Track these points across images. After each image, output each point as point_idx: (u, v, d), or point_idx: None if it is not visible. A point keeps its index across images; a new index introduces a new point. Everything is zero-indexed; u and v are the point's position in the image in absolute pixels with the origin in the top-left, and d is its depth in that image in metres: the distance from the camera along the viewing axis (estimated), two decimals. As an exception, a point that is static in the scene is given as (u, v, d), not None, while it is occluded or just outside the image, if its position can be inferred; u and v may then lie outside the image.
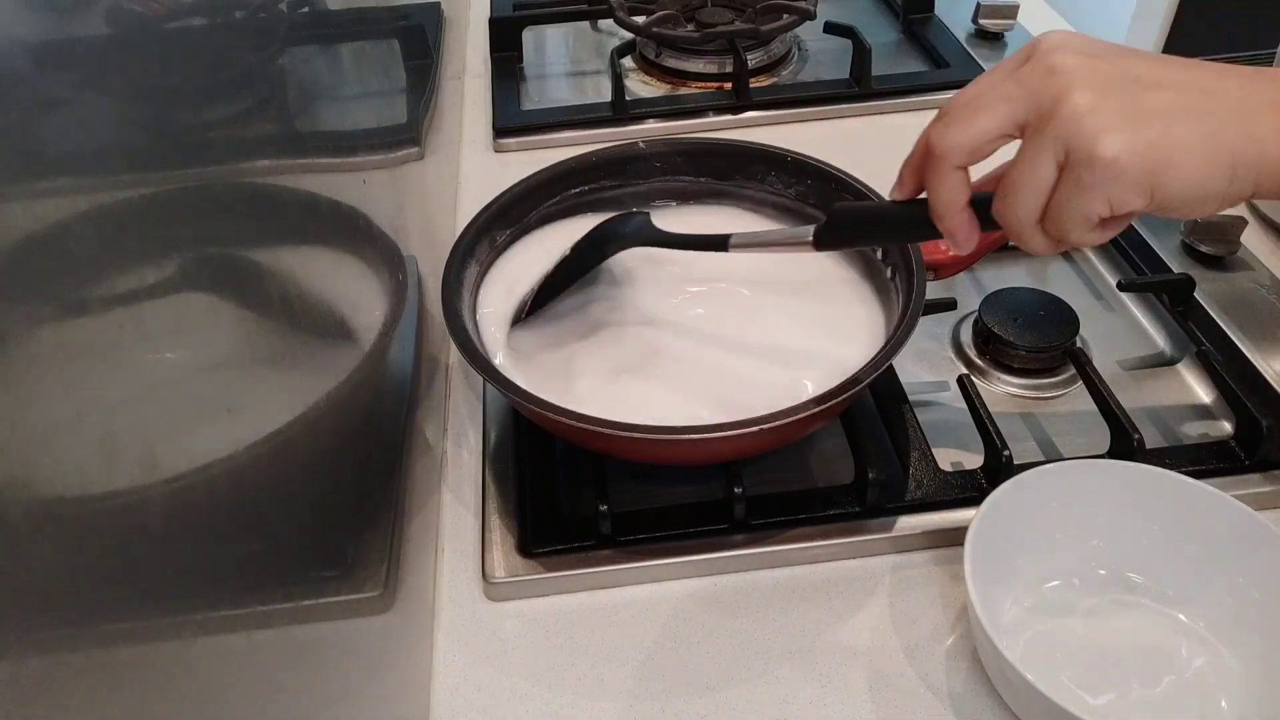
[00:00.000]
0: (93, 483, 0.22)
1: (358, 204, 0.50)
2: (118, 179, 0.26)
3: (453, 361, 0.69)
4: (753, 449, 0.54)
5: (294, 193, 0.41)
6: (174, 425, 0.27)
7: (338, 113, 0.53)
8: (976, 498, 0.51)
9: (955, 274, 0.62)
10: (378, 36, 0.68)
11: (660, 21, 0.98)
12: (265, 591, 0.32)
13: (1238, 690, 0.46)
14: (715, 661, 0.50)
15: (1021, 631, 0.49)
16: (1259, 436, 0.56)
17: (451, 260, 0.60)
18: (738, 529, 0.54)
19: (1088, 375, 0.59)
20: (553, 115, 0.94)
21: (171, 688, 0.25)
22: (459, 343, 0.54)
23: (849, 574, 0.54)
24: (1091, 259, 0.74)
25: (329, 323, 0.44)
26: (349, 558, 0.42)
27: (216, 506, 0.29)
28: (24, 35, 0.23)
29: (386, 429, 0.51)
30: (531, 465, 0.58)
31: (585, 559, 0.54)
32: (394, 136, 0.65)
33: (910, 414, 0.60)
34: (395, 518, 0.49)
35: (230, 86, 0.37)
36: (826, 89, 0.95)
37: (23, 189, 0.21)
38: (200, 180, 0.32)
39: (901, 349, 0.52)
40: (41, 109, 0.23)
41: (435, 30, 0.90)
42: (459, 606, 0.54)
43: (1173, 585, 0.50)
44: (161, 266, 0.28)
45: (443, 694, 0.50)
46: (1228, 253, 0.70)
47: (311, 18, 0.51)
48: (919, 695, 0.48)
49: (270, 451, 0.34)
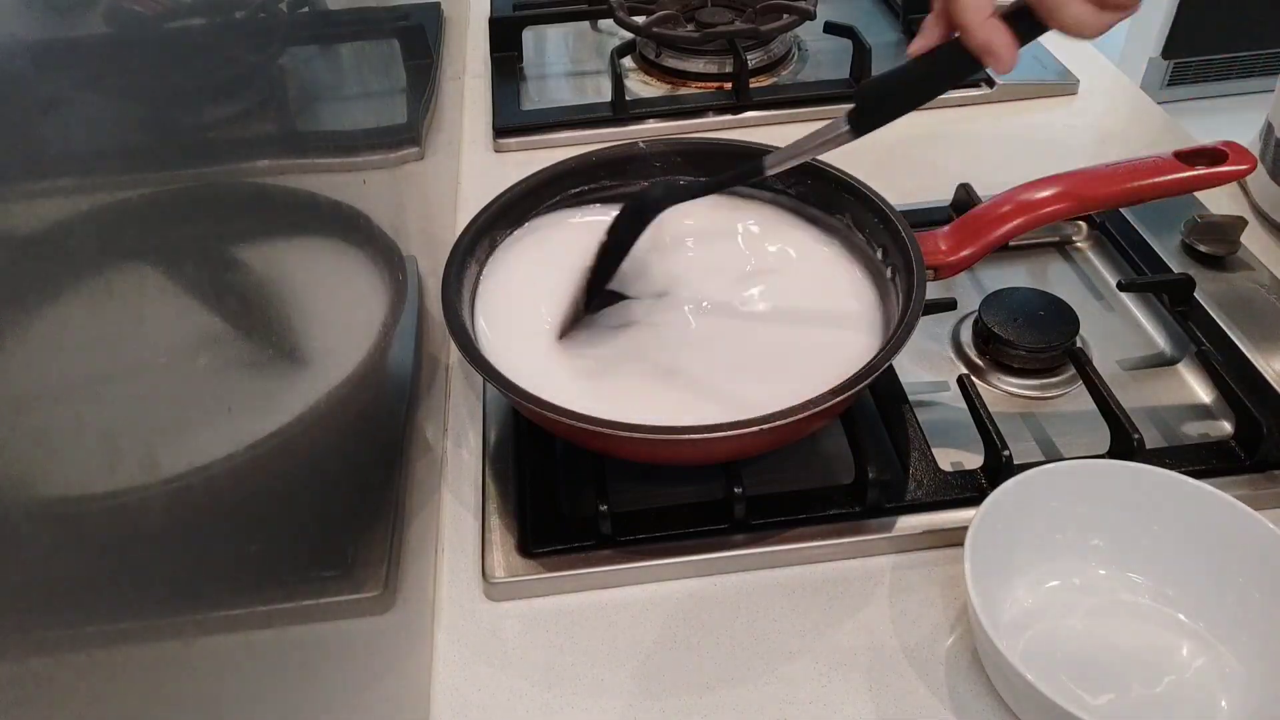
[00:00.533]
0: (93, 483, 0.22)
1: (358, 204, 0.50)
2: (118, 179, 0.26)
3: (453, 361, 0.69)
4: (753, 449, 0.54)
5: (294, 193, 0.41)
6: (174, 425, 0.27)
7: (338, 113, 0.53)
8: (976, 498, 0.51)
9: (955, 274, 0.62)
10: (378, 36, 0.68)
11: (660, 21, 0.98)
12: (265, 591, 0.32)
13: (1238, 690, 0.46)
14: (715, 661, 0.50)
15: (1021, 631, 0.49)
16: (1259, 436, 0.56)
17: (451, 260, 0.60)
18: (738, 529, 0.54)
19: (1088, 375, 0.59)
20: (553, 115, 0.94)
21: (171, 688, 0.25)
22: (459, 343, 0.54)
23: (849, 574, 0.54)
24: (1091, 259, 0.74)
25: (329, 323, 0.44)
26: (349, 558, 0.42)
27: (216, 506, 0.29)
28: (24, 35, 0.22)
29: (386, 429, 0.51)
30: (531, 465, 0.58)
31: (585, 559, 0.54)
32: (394, 136, 0.65)
33: (910, 414, 0.60)
34: (395, 518, 0.49)
35: (230, 86, 0.37)
36: (826, 89, 0.95)
37: (23, 189, 0.21)
38: (200, 180, 0.32)
39: (901, 349, 0.52)
40: (41, 109, 0.23)
41: (435, 30, 0.90)
42: (459, 606, 0.54)
43: (1173, 585, 0.50)
44: (161, 266, 0.28)
45: (443, 694, 0.50)
46: (1228, 253, 0.70)
47: (311, 18, 0.51)
48: (919, 695, 0.48)
49: (270, 451, 0.34)
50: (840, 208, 0.64)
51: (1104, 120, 0.92)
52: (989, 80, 0.94)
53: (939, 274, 0.61)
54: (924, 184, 0.77)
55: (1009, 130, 0.91)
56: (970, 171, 0.76)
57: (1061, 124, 0.91)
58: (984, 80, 0.94)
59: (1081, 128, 0.91)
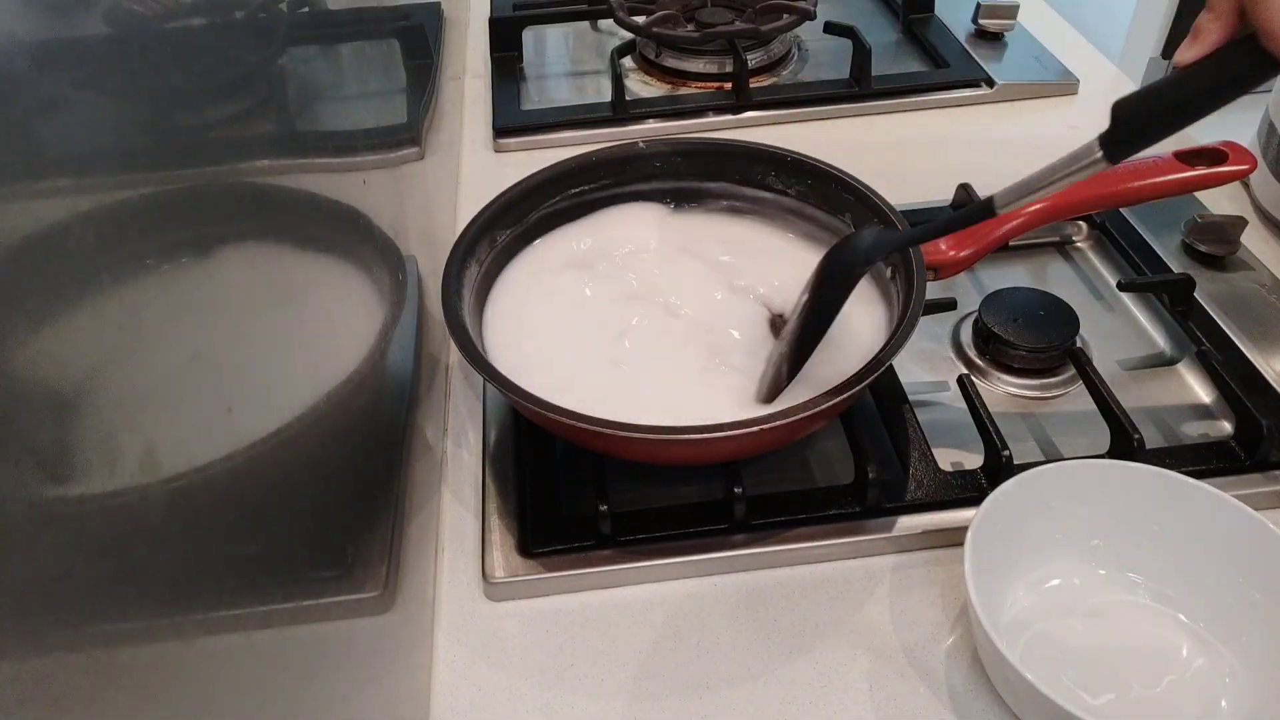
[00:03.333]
0: (93, 483, 0.22)
1: (358, 204, 0.50)
2: (118, 179, 0.26)
3: (453, 361, 0.69)
4: (753, 449, 0.54)
5: (294, 193, 0.41)
6: (174, 425, 0.27)
7: (338, 113, 0.53)
8: (976, 498, 0.51)
9: (955, 274, 0.62)
10: (378, 36, 0.68)
11: (660, 21, 0.98)
12: (265, 591, 0.32)
13: (1238, 690, 0.46)
14: (715, 661, 0.50)
15: (1021, 631, 0.49)
16: (1259, 436, 0.56)
17: (451, 260, 0.60)
18: (738, 529, 0.54)
19: (1088, 375, 0.59)
20: (553, 115, 0.94)
21: (172, 688, 0.25)
22: (459, 343, 0.54)
23: (849, 574, 0.54)
24: (1091, 259, 0.74)
25: (329, 323, 0.44)
26: (349, 558, 0.42)
27: (216, 506, 0.29)
28: (24, 35, 0.22)
29: (386, 429, 0.51)
30: (531, 465, 0.58)
31: (585, 559, 0.54)
32: (394, 136, 0.65)
33: (910, 414, 0.60)
34: (395, 518, 0.48)
35: (230, 86, 0.37)
36: (826, 89, 0.95)
37: (23, 189, 0.21)
38: (200, 180, 0.32)
39: (901, 349, 0.52)
40: (41, 109, 0.23)
41: (435, 30, 0.90)
42: (459, 606, 0.54)
43: (1173, 585, 0.50)
44: (161, 266, 0.28)
45: (443, 694, 0.50)
46: (1228, 253, 0.70)
47: (311, 18, 0.51)
48: (919, 695, 0.48)
49: (270, 451, 0.34)
50: (840, 207, 0.64)
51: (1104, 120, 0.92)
52: (989, 80, 0.94)
53: (939, 274, 0.61)
54: (924, 184, 0.77)
55: (1009, 130, 0.91)
56: (970, 171, 0.76)
57: (1062, 124, 0.91)
58: (984, 80, 0.94)
59: (1082, 128, 0.91)
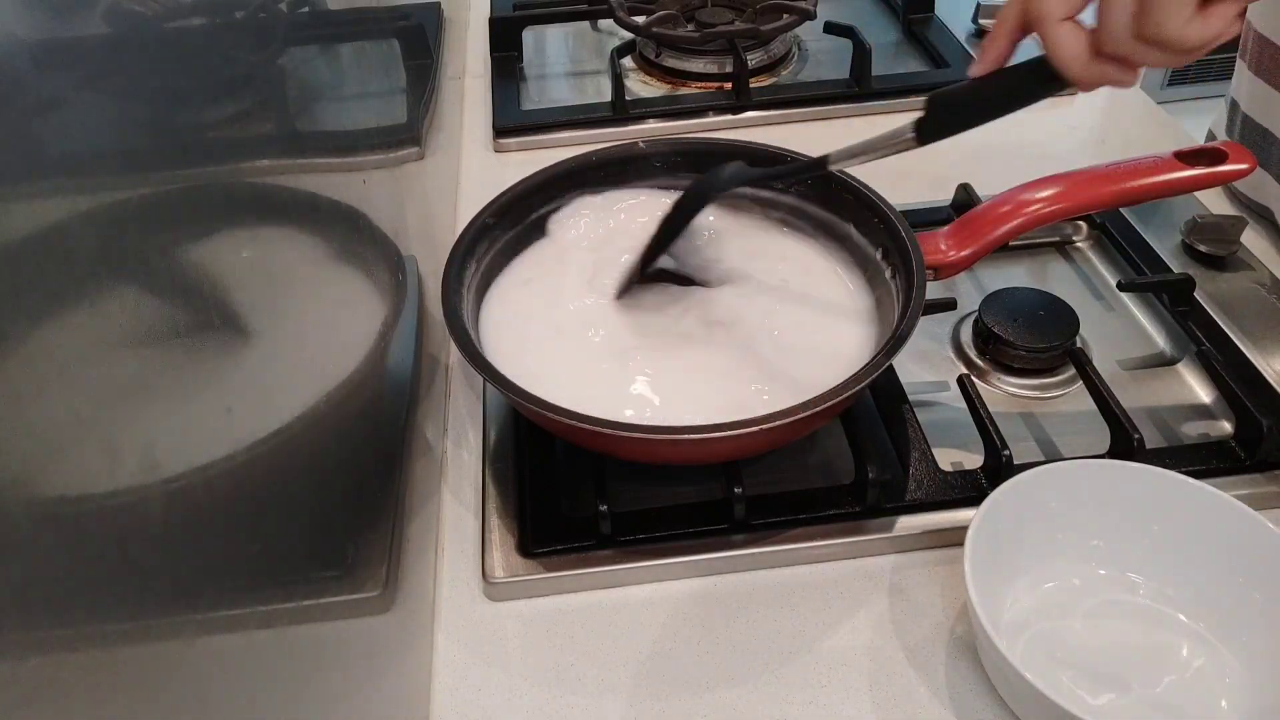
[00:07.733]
0: (93, 483, 0.22)
1: (358, 204, 0.50)
2: (118, 179, 0.26)
3: (453, 361, 0.69)
4: (753, 449, 0.54)
5: (294, 193, 0.41)
6: (174, 425, 0.27)
7: (338, 113, 0.53)
8: (976, 498, 0.51)
9: (955, 274, 0.62)
10: (378, 36, 0.68)
11: (660, 21, 0.98)
12: (265, 591, 0.32)
13: (1238, 690, 0.46)
14: (715, 661, 0.50)
15: (1021, 631, 0.49)
16: (1259, 436, 0.56)
17: (451, 260, 0.60)
18: (738, 529, 0.54)
19: (1088, 375, 0.59)
20: (553, 115, 0.94)
21: (171, 688, 0.25)
22: (459, 343, 0.54)
23: (849, 574, 0.54)
24: (1091, 259, 0.74)
25: (329, 323, 0.44)
26: (349, 558, 0.42)
27: (216, 506, 0.29)
28: (24, 35, 0.22)
29: (386, 429, 0.51)
30: (531, 465, 0.58)
31: (585, 559, 0.54)
32: (394, 136, 0.65)
33: (910, 414, 0.60)
34: (395, 518, 0.49)
35: (230, 86, 0.37)
36: (826, 89, 0.95)
37: (23, 189, 0.21)
38: (200, 180, 0.32)
39: (902, 349, 0.52)
40: (41, 109, 0.23)
41: (435, 30, 0.90)
42: (459, 606, 0.54)
43: (1173, 585, 0.50)
44: (161, 266, 0.28)
45: (443, 694, 0.50)
46: (1228, 253, 0.70)
47: (311, 18, 0.51)
48: (919, 695, 0.48)
49: (270, 451, 0.34)
50: (840, 207, 0.64)
51: (1104, 120, 0.92)
52: (989, 80, 0.94)
53: (939, 274, 0.61)
54: (924, 184, 0.77)
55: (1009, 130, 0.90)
56: (970, 171, 0.76)
57: (1061, 124, 0.91)
58: (984, 80, 0.94)
59: (1081, 128, 0.91)
